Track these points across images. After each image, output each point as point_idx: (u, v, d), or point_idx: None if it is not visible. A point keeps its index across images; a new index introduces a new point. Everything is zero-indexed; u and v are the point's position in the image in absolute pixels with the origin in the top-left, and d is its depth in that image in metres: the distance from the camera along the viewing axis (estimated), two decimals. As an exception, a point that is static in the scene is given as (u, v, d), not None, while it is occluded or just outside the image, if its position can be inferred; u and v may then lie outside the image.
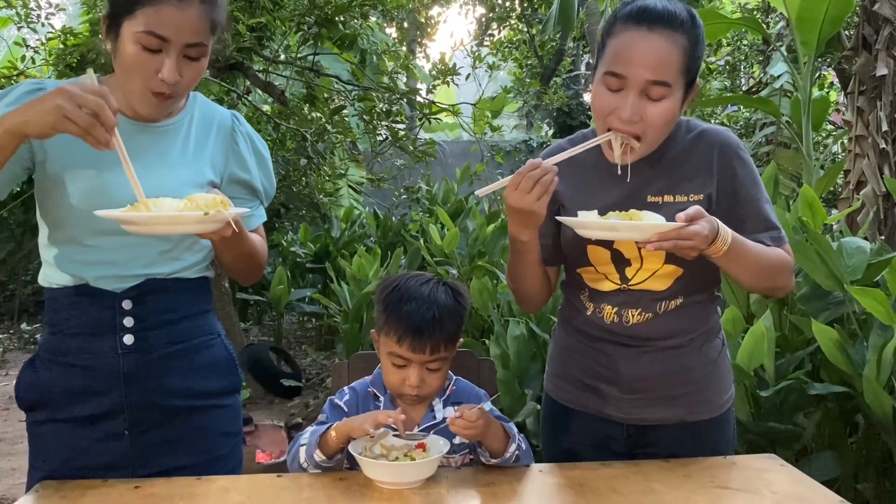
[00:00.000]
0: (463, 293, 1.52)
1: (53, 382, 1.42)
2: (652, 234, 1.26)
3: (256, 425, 3.53)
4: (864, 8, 4.74)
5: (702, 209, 1.29)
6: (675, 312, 1.48)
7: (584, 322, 1.55)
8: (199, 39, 1.33)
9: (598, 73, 1.41)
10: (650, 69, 1.33)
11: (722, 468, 1.44)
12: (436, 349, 1.44)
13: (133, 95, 1.35)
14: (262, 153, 1.59)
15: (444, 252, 4.34)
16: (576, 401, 1.58)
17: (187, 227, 1.26)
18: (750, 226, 1.44)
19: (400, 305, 1.45)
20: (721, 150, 1.46)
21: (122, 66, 1.33)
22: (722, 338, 1.58)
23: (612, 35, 1.38)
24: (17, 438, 4.32)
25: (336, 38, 5.35)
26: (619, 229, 1.30)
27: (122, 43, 1.32)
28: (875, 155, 4.52)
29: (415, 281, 1.50)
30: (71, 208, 1.37)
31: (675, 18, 1.34)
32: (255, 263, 1.56)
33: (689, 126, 1.51)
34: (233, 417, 1.58)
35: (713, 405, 1.54)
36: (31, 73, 5.43)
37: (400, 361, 1.45)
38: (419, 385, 1.45)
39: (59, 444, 1.42)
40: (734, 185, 1.45)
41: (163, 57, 1.31)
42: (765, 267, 1.41)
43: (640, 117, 1.35)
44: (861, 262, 2.49)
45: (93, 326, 1.41)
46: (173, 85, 1.33)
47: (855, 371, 2.27)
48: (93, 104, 1.16)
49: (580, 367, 1.57)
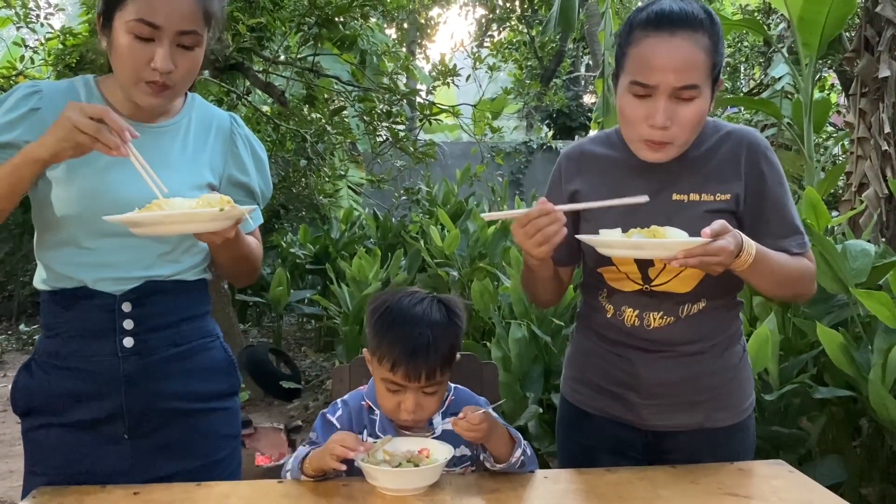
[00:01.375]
0: (458, 310, 1.44)
1: (50, 386, 1.40)
2: (678, 251, 1.23)
3: (256, 428, 3.51)
4: (867, 10, 4.73)
5: (726, 223, 1.27)
6: (697, 317, 1.46)
7: (604, 325, 1.52)
8: (192, 27, 1.32)
9: (622, 82, 1.39)
10: (677, 75, 1.31)
11: (729, 474, 1.42)
12: (431, 375, 1.37)
13: (128, 87, 1.35)
14: (259, 156, 1.58)
15: (445, 254, 4.32)
16: (593, 404, 1.56)
17: (201, 224, 1.25)
18: (775, 229, 1.42)
19: (392, 329, 1.38)
20: (749, 150, 1.44)
21: (117, 58, 1.33)
22: (743, 344, 1.55)
23: (633, 43, 1.36)
24: (14, 440, 4.30)
25: (336, 38, 5.33)
26: (644, 247, 1.27)
27: (115, 36, 1.32)
28: (877, 157, 4.51)
29: (407, 301, 1.42)
30: (70, 210, 1.35)
31: (695, 19, 1.32)
32: (251, 266, 1.55)
33: (716, 126, 1.49)
34: (232, 420, 1.56)
35: (734, 412, 1.51)
36: (30, 73, 5.42)
37: (394, 387, 1.39)
38: (415, 410, 1.39)
39: (57, 450, 1.40)
40: (761, 186, 1.43)
41: (155, 46, 1.30)
42: (787, 277, 1.40)
43: (671, 122, 1.34)
44: (865, 265, 2.48)
45: (91, 329, 1.39)
46: (168, 74, 1.32)
47: (860, 374, 2.25)
48: (97, 111, 1.19)
49: (599, 371, 1.54)
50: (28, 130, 1.31)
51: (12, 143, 1.31)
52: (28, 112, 1.34)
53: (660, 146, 1.37)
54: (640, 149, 1.41)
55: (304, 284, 6.53)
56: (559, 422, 1.67)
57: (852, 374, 2.27)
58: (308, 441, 1.49)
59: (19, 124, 1.33)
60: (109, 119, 1.19)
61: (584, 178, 1.53)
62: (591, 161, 1.53)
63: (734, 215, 1.43)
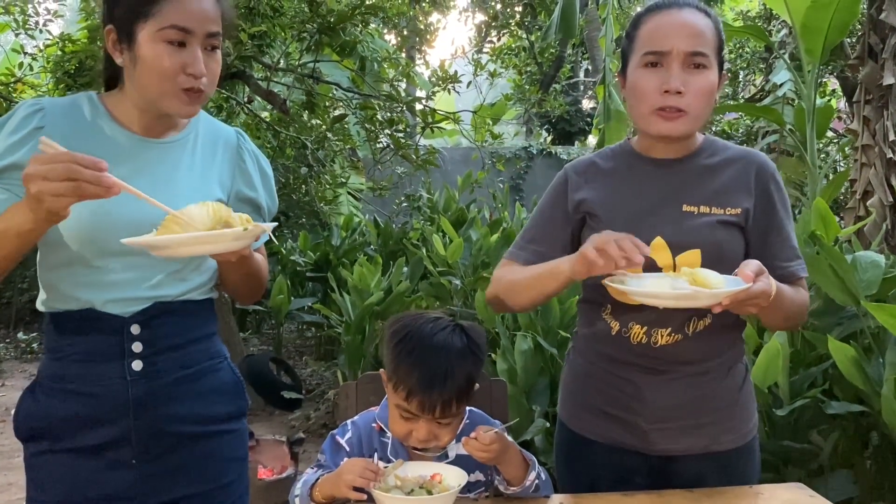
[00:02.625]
0: (480, 340, 1.41)
1: (55, 410, 1.36)
2: (723, 298, 1.21)
3: (258, 440, 3.47)
4: (870, 16, 4.71)
5: (761, 265, 1.27)
6: (703, 334, 1.43)
7: (609, 345, 1.49)
8: (217, 28, 1.32)
9: (632, 62, 1.44)
10: (689, 39, 1.38)
11: (748, 498, 1.39)
12: (447, 407, 1.34)
13: (163, 99, 1.31)
14: (266, 171, 1.56)
15: (448, 262, 4.29)
16: (595, 431, 1.52)
17: (225, 244, 1.20)
18: (781, 251, 1.44)
19: (410, 357, 1.35)
20: (759, 171, 1.47)
21: (146, 71, 1.29)
22: (745, 362, 1.54)
23: (641, 25, 1.44)
24: (13, 451, 4.25)
25: (336, 45, 5.31)
26: (699, 298, 1.24)
27: (139, 48, 1.28)
28: (882, 165, 4.49)
29: (429, 329, 1.38)
30: (78, 231, 1.32)
31: (699, 5, 1.44)
32: (259, 282, 1.52)
33: (726, 145, 1.53)
34: (240, 443, 1.52)
35: (739, 433, 1.49)
36: (28, 79, 5.39)
37: (408, 415, 1.36)
38: (427, 439, 1.36)
39: (61, 476, 1.36)
40: (770, 208, 1.46)
41: (187, 52, 1.28)
42: (792, 310, 1.42)
43: (686, 87, 1.37)
44: (876, 277, 2.45)
45: (99, 352, 1.35)
46: (201, 79, 1.30)
47: (872, 389, 2.22)
48: (62, 172, 1.07)
49: (602, 396, 1.51)
50: (32, 150, 1.26)
51: (17, 165, 1.27)
52: (32, 131, 1.30)
53: (675, 115, 1.39)
54: (653, 122, 1.42)
55: (304, 292, 6.49)
56: (558, 448, 1.62)
57: (864, 389, 2.25)
58: (316, 463, 1.45)
59: (23, 145, 1.30)
60: (80, 174, 1.08)
61: (592, 187, 1.52)
62: (600, 173, 1.54)
63: (742, 231, 1.44)
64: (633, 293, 1.29)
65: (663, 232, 1.41)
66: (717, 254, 1.39)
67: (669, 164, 1.46)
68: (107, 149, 1.36)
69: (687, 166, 1.47)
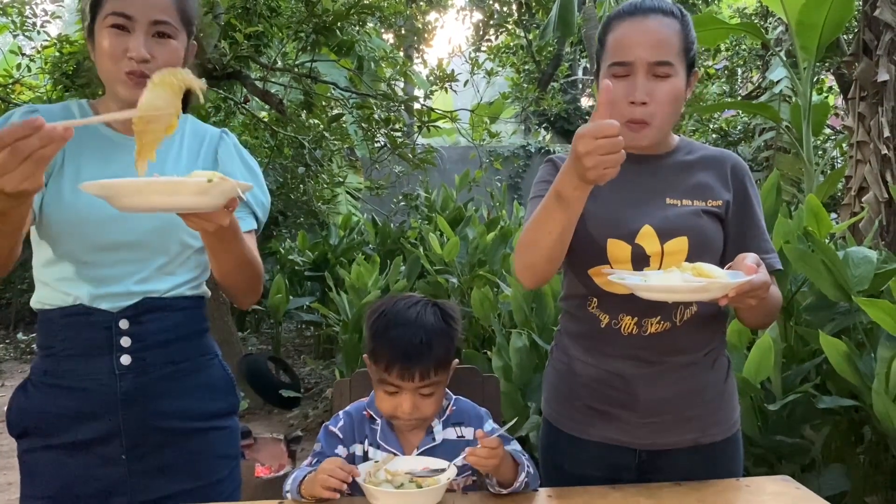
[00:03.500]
0: (453, 314, 1.48)
1: (46, 406, 1.38)
2: (731, 289, 1.23)
3: (255, 438, 3.49)
4: (865, 13, 4.72)
5: (758, 257, 1.30)
6: (691, 323, 1.45)
7: (598, 339, 1.49)
8: (164, 17, 1.37)
9: (602, 70, 1.47)
10: (652, 50, 1.40)
11: (736, 491, 1.40)
12: (426, 375, 1.40)
13: (112, 84, 1.38)
14: (250, 164, 1.56)
15: (444, 261, 4.31)
16: (582, 428, 1.52)
17: (187, 197, 1.10)
18: (756, 244, 1.48)
19: (387, 332, 1.42)
20: (734, 167, 1.53)
21: (99, 58, 1.37)
22: (727, 354, 1.57)
23: (610, 32, 1.46)
24: (13, 451, 4.26)
25: (333, 44, 5.32)
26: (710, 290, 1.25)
27: (97, 39, 1.37)
28: (877, 161, 4.50)
29: (403, 304, 1.46)
30: (67, 225, 1.35)
31: (665, 8, 1.45)
32: (253, 273, 1.45)
33: (700, 144, 1.58)
34: (231, 440, 1.54)
35: (725, 425, 1.51)
36: (26, 81, 5.41)
37: (391, 388, 1.42)
38: (412, 412, 1.41)
39: (54, 472, 1.38)
40: (745, 204, 1.51)
41: (129, 37, 1.34)
42: (772, 307, 1.45)
43: (650, 97, 1.40)
44: (868, 273, 2.46)
45: (88, 347, 1.37)
46: (146, 64, 1.34)
47: (863, 383, 2.23)
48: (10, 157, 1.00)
49: (589, 393, 1.51)
50: None
51: None
52: None
53: (639, 127, 1.42)
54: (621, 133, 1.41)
55: (302, 291, 6.52)
56: (543, 447, 1.63)
57: (856, 384, 2.26)
58: (313, 453, 1.48)
59: None
60: (26, 148, 1.00)
61: None
62: None
63: (722, 222, 1.49)
64: (640, 289, 1.28)
65: (652, 221, 1.44)
66: (702, 242, 1.43)
67: (650, 159, 1.50)
68: (99, 148, 1.40)
69: (667, 162, 1.51)
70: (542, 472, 1.60)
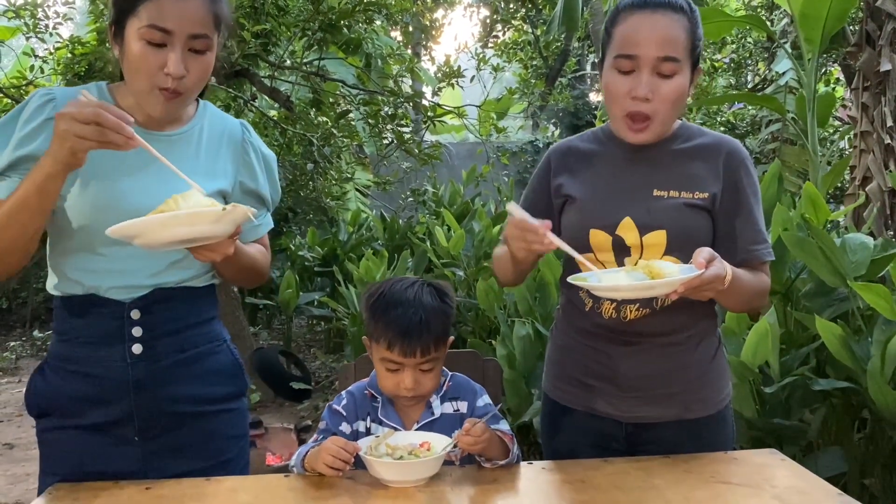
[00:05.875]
0: (447, 293, 1.54)
1: (62, 390, 1.44)
2: (678, 286, 1.27)
3: (267, 428, 3.56)
4: (867, 3, 4.73)
5: (713, 251, 1.32)
6: (672, 308, 1.49)
7: (583, 319, 1.56)
8: (203, 31, 1.34)
9: (607, 61, 1.48)
10: (659, 46, 1.40)
11: (723, 463, 1.45)
12: (426, 351, 1.46)
13: (141, 95, 1.35)
14: (269, 163, 1.61)
15: (451, 254, 4.36)
16: (574, 400, 1.59)
17: (205, 227, 1.24)
18: (744, 235, 1.49)
19: (387, 312, 1.48)
20: (728, 156, 1.51)
21: (129, 66, 1.34)
22: (718, 336, 1.60)
23: (617, 24, 1.46)
24: (30, 444, 4.36)
25: (341, 42, 5.38)
26: (655, 288, 1.31)
27: (127, 44, 1.33)
28: (880, 150, 4.52)
29: (399, 285, 1.53)
30: (83, 220, 1.38)
31: (675, 3, 1.44)
32: (257, 273, 1.58)
33: (700, 130, 1.58)
34: (240, 421, 1.59)
35: (710, 403, 1.55)
36: (39, 82, 5.49)
37: (393, 366, 1.48)
38: (414, 387, 1.48)
39: (70, 451, 1.43)
40: (737, 195, 1.50)
41: (168, 52, 1.31)
42: (750, 294, 1.47)
43: (654, 94, 1.42)
44: (864, 258, 2.50)
45: (101, 335, 1.42)
46: (180, 80, 1.33)
47: (859, 367, 2.27)
48: (90, 115, 1.17)
49: (578, 367, 1.58)
50: (47, 139, 1.28)
51: (33, 155, 1.32)
52: (45, 121, 1.35)
53: (642, 123, 1.45)
54: (622, 128, 1.48)
55: (312, 287, 6.58)
56: (542, 418, 1.71)
57: (852, 367, 2.30)
58: (318, 430, 1.56)
59: (38, 134, 1.35)
60: (104, 119, 1.18)
61: (569, 171, 1.59)
62: (578, 156, 1.60)
63: (709, 213, 1.49)
64: (593, 288, 1.37)
65: (633, 213, 1.47)
66: (684, 235, 1.46)
67: (643, 148, 1.52)
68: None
69: (661, 151, 1.53)
70: (541, 440, 1.71)
